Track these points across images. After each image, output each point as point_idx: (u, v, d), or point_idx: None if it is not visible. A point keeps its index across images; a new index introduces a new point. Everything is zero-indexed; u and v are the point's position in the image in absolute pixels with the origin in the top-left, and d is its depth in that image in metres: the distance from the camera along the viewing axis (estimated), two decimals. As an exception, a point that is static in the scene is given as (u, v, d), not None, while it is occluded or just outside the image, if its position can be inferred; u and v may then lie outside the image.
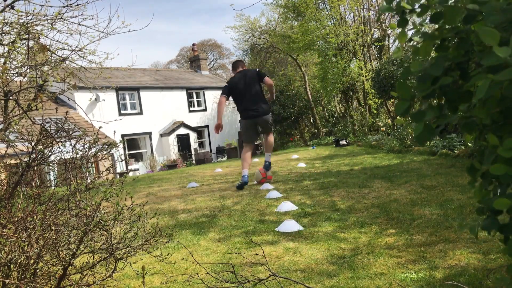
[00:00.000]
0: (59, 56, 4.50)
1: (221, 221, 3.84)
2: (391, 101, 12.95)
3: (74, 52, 4.56)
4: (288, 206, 4.05)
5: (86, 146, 2.11)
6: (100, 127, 2.31)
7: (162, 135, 19.21)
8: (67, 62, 4.61)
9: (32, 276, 1.84)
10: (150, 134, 18.91)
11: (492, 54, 0.84)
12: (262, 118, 5.75)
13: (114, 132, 2.97)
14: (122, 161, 2.49)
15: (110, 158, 2.45)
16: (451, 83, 1.00)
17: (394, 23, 1.07)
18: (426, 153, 7.08)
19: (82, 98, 14.40)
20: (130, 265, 2.19)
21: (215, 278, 2.24)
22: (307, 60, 19.29)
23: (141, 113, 18.60)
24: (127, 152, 18.03)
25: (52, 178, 2.49)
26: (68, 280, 1.98)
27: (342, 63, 14.19)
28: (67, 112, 2.28)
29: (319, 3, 15.58)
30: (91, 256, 1.97)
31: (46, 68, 4.20)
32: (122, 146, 16.99)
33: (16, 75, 3.13)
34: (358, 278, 2.18)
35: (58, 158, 2.13)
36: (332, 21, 15.32)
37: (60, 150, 2.08)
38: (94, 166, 2.48)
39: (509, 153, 0.88)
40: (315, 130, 18.10)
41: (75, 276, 2.07)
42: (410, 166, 5.99)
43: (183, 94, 20.54)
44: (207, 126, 21.52)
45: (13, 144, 2.03)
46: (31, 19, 3.92)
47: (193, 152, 19.60)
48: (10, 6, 3.75)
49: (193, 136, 19.95)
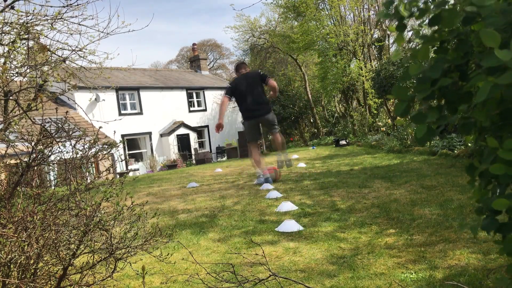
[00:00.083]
0: (59, 56, 4.50)
1: (221, 221, 3.84)
2: (391, 101, 12.95)
3: (74, 52, 4.55)
4: (288, 206, 4.06)
5: (86, 146, 2.11)
6: (100, 127, 2.31)
7: (162, 135, 19.21)
8: (67, 62, 4.60)
9: (32, 276, 1.84)
10: (150, 134, 18.90)
11: (492, 55, 0.84)
12: (264, 117, 5.82)
13: (114, 132, 2.97)
14: (122, 161, 2.49)
15: (110, 158, 2.45)
16: (451, 85, 1.00)
17: (393, 26, 1.07)
18: (426, 153, 7.08)
19: (82, 98, 14.40)
20: (130, 265, 2.19)
21: (215, 278, 2.24)
22: (307, 60, 19.29)
23: (141, 113, 18.59)
24: (127, 152, 18.03)
25: (52, 178, 2.49)
26: (68, 280, 1.98)
27: (342, 63, 14.20)
28: (67, 112, 2.28)
29: (319, 3, 15.58)
30: (91, 256, 1.97)
31: (46, 68, 4.19)
32: (122, 146, 16.99)
33: (16, 75, 3.13)
34: (358, 278, 2.18)
35: (58, 158, 2.13)
36: (332, 21, 15.32)
37: (60, 150, 2.08)
38: (94, 166, 2.48)
39: (509, 154, 0.88)
40: (315, 130, 18.10)
41: (75, 276, 2.07)
42: (410, 166, 5.99)
43: (183, 94, 20.53)
44: (207, 126, 21.51)
45: (13, 144, 2.03)
46: (31, 19, 3.92)
47: (193, 152, 19.60)
48: (10, 6, 3.75)
49: (193, 136, 19.94)
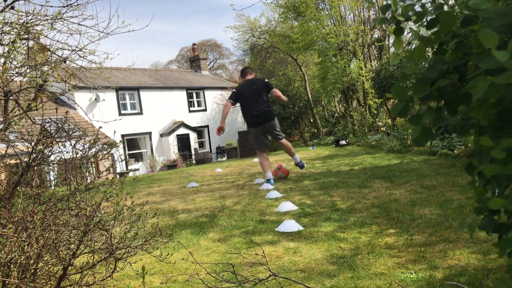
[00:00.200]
0: (59, 56, 4.50)
1: (221, 221, 3.84)
2: (391, 101, 12.95)
3: (74, 52, 4.56)
4: (288, 206, 4.06)
5: (86, 146, 2.11)
6: (100, 127, 2.31)
7: (162, 135, 19.21)
8: (67, 62, 4.60)
9: (32, 276, 1.84)
10: (150, 134, 18.91)
11: (490, 57, 0.84)
12: (267, 124, 5.97)
13: (114, 132, 2.97)
14: (122, 161, 2.49)
15: (110, 158, 2.45)
16: (450, 86, 1.00)
17: (392, 27, 1.07)
18: (426, 153, 7.08)
19: (82, 98, 14.40)
20: (130, 265, 2.19)
21: (215, 278, 2.24)
22: (307, 60, 19.29)
23: (141, 113, 18.60)
24: (127, 152, 18.03)
25: (52, 178, 2.49)
26: (68, 280, 1.98)
27: (342, 63, 14.19)
28: (67, 112, 2.28)
29: (319, 3, 15.58)
30: (91, 256, 1.97)
31: (46, 68, 4.19)
32: (122, 146, 16.99)
33: (16, 75, 3.13)
34: (358, 278, 2.18)
35: (58, 158, 2.13)
36: (332, 21, 15.32)
37: (60, 150, 2.08)
38: (94, 166, 2.49)
39: (502, 154, 0.88)
40: (315, 130, 18.10)
41: (75, 276, 2.07)
42: (410, 166, 5.99)
43: (183, 94, 20.54)
44: (207, 126, 21.52)
45: (13, 144, 2.03)
46: (31, 19, 3.92)
47: (193, 152, 19.60)
48: (10, 6, 3.75)
49: (193, 136, 19.95)
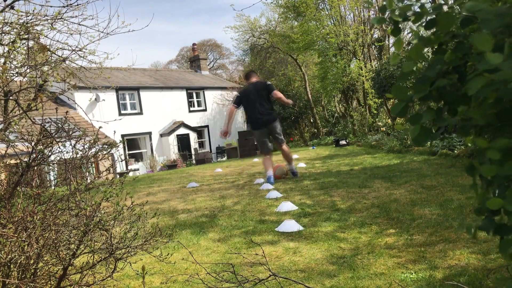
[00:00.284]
0: (59, 56, 4.50)
1: (221, 221, 3.84)
2: (391, 101, 12.95)
3: (74, 52, 4.56)
4: (288, 206, 4.06)
5: (86, 146, 2.11)
6: (100, 127, 2.31)
7: (162, 135, 19.20)
8: (67, 62, 4.61)
9: (32, 276, 1.84)
10: (150, 134, 18.90)
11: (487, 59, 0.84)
12: (272, 125, 6.10)
13: (114, 132, 2.97)
14: (122, 161, 2.49)
15: (110, 158, 2.45)
16: (449, 86, 1.00)
17: (391, 28, 1.07)
18: (426, 153, 7.08)
19: (82, 98, 14.40)
20: (130, 265, 2.19)
21: (215, 278, 2.24)
22: (307, 60, 19.28)
23: (141, 113, 18.59)
24: (127, 152, 18.03)
25: (52, 178, 2.49)
26: (68, 280, 1.98)
27: (342, 63, 14.19)
28: (67, 112, 2.28)
29: (319, 3, 15.58)
30: (91, 256, 1.97)
31: (46, 68, 4.19)
32: (122, 146, 16.98)
33: (16, 75, 3.13)
34: (358, 278, 2.18)
35: (58, 158, 2.13)
36: (332, 21, 15.32)
37: (60, 150, 2.08)
38: (94, 166, 2.48)
39: (497, 154, 0.88)
40: (315, 130, 18.09)
41: (75, 276, 2.07)
42: (410, 166, 5.99)
43: (183, 94, 20.53)
44: (207, 126, 21.51)
45: (13, 144, 2.03)
46: (31, 19, 3.92)
47: (193, 152, 19.60)
48: (10, 6, 3.75)
49: (193, 136, 19.94)
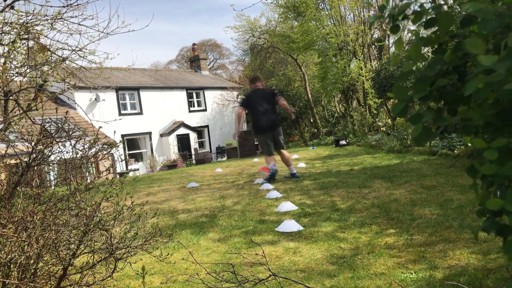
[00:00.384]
0: (59, 56, 4.50)
1: (221, 221, 3.84)
2: (391, 101, 12.94)
3: (74, 52, 4.56)
4: (288, 206, 4.06)
5: (86, 146, 2.11)
6: (100, 127, 2.31)
7: (162, 135, 19.20)
8: (67, 62, 4.61)
9: (32, 276, 1.84)
10: (150, 134, 18.90)
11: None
12: (276, 130, 6.17)
13: (114, 132, 2.97)
14: (122, 161, 2.49)
15: (110, 158, 2.45)
16: (449, 86, 1.00)
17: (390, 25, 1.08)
18: (426, 153, 7.08)
19: (82, 98, 14.39)
20: (130, 265, 2.19)
21: (215, 278, 2.24)
22: (307, 60, 19.27)
23: (141, 113, 18.59)
24: (127, 152, 18.02)
25: (52, 178, 2.49)
26: (68, 280, 1.98)
27: (342, 63, 14.19)
28: (67, 112, 2.28)
29: (319, 3, 15.57)
30: (91, 256, 1.97)
31: (46, 68, 4.19)
32: (122, 146, 16.98)
33: (16, 75, 3.12)
34: (358, 278, 2.18)
35: (58, 158, 2.13)
36: (332, 21, 15.31)
37: (60, 150, 2.08)
38: (94, 166, 2.48)
39: (494, 154, 0.88)
40: (315, 130, 18.09)
41: (75, 276, 2.07)
42: (410, 166, 5.99)
43: (183, 94, 20.52)
44: (207, 126, 21.51)
45: (13, 144, 2.03)
46: (31, 19, 3.91)
47: (193, 152, 19.59)
48: (10, 6, 3.75)
49: (193, 136, 19.94)
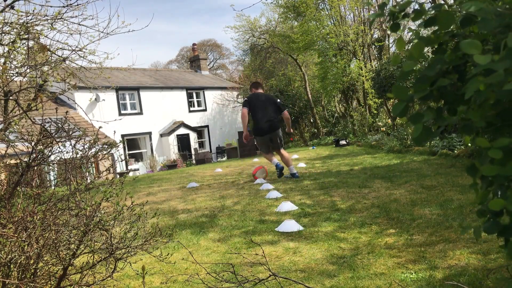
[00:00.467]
0: (59, 56, 4.50)
1: (221, 221, 3.84)
2: (391, 101, 12.94)
3: (74, 52, 4.56)
4: (288, 206, 4.06)
5: (86, 146, 2.11)
6: (100, 127, 2.31)
7: (162, 135, 19.20)
8: (67, 62, 4.61)
9: (32, 276, 1.84)
10: (150, 134, 18.90)
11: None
12: (275, 132, 6.24)
13: (114, 132, 2.97)
14: (122, 161, 2.49)
15: (110, 158, 2.45)
16: (449, 86, 1.00)
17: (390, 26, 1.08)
18: (426, 153, 7.08)
19: (82, 98, 14.39)
20: (130, 265, 2.19)
21: (215, 278, 2.24)
22: (307, 60, 19.26)
23: (141, 113, 18.59)
24: (127, 152, 18.02)
25: (52, 178, 2.49)
26: (68, 280, 1.98)
27: (342, 63, 14.19)
28: (67, 112, 2.27)
29: (319, 3, 15.56)
30: (91, 256, 1.97)
31: (46, 68, 4.19)
32: (122, 146, 16.98)
33: (16, 75, 3.13)
34: (358, 278, 2.18)
35: (58, 158, 2.13)
36: (332, 21, 15.31)
37: (60, 150, 2.08)
38: (94, 166, 2.48)
39: (499, 153, 0.88)
40: (315, 130, 18.08)
41: (75, 276, 2.07)
42: (410, 166, 5.99)
43: (183, 94, 20.52)
44: (207, 126, 21.51)
45: (13, 144, 2.03)
46: (31, 19, 3.91)
47: (193, 152, 19.59)
48: (10, 6, 3.75)
49: (193, 136, 19.94)
